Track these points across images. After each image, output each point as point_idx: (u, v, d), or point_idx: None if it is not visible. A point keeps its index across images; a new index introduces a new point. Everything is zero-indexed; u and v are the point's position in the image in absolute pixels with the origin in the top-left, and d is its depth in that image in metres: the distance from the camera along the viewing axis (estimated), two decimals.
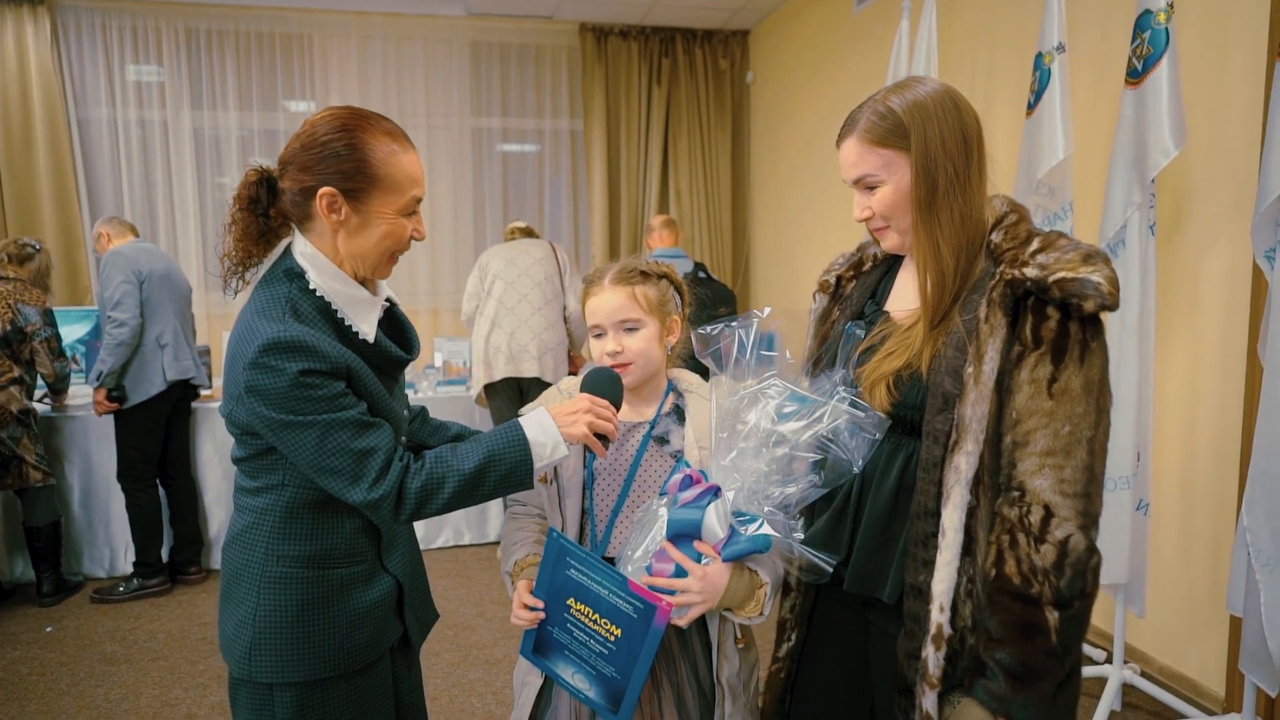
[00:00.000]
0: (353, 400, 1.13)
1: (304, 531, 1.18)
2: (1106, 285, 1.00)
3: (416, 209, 1.21)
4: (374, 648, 1.23)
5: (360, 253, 1.17)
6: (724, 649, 1.27)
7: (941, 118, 1.10)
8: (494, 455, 1.15)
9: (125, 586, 3.45)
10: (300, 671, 1.17)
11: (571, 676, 1.25)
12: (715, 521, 1.15)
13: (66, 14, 4.75)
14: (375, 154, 1.13)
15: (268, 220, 1.19)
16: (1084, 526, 1.02)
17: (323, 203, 1.13)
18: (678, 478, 1.20)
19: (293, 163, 1.15)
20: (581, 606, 1.21)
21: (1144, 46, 2.19)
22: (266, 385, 1.08)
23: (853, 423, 1.08)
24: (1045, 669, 1.01)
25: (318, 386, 1.09)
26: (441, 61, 5.22)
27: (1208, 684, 2.47)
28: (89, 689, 2.71)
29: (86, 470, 3.65)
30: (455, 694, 2.64)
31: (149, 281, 3.37)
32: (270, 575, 1.18)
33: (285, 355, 1.07)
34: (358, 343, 1.17)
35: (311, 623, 1.18)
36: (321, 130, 1.14)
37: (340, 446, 1.10)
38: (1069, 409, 1.02)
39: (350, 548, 1.21)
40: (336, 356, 1.11)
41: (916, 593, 1.08)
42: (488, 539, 4.05)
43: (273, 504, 1.18)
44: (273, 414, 1.09)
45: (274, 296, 1.14)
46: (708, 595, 1.15)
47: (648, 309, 1.31)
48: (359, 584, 1.22)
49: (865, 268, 1.31)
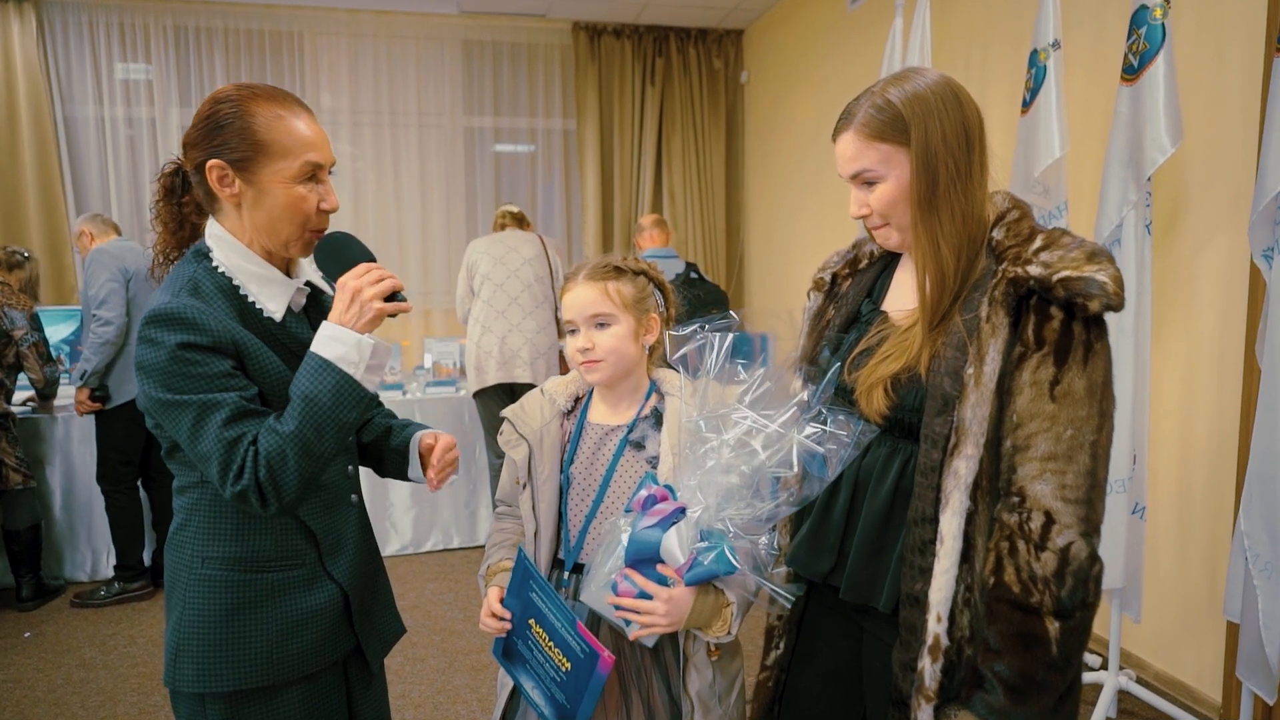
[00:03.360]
0: (239, 383, 1.07)
1: (229, 531, 1.13)
2: (1112, 285, 0.97)
3: (319, 175, 1.15)
4: (313, 659, 1.17)
5: (266, 228, 1.13)
6: (695, 662, 1.24)
7: (942, 111, 1.06)
8: (309, 395, 1.06)
9: (106, 590, 3.39)
10: (222, 681, 1.11)
11: (531, 689, 1.24)
12: (676, 546, 1.12)
13: (53, 10, 4.69)
14: (257, 120, 1.10)
15: (183, 209, 1.18)
16: (1086, 534, 0.99)
17: (213, 176, 1.10)
18: (643, 495, 1.17)
19: (189, 142, 1.14)
20: (540, 631, 1.20)
21: (1140, 42, 2.17)
22: (148, 359, 1.05)
23: (818, 445, 1.05)
24: (1045, 681, 0.97)
25: (197, 363, 1.04)
26: (433, 60, 5.18)
27: (1204, 690, 2.44)
28: (65, 696, 2.65)
29: (68, 473, 3.59)
30: (441, 700, 2.60)
31: (135, 280, 3.32)
32: (196, 577, 1.12)
33: (164, 327, 1.04)
34: (264, 321, 1.14)
35: (237, 629, 1.11)
36: (209, 104, 1.12)
37: (211, 431, 1.04)
38: (1071, 412, 0.98)
39: (283, 549, 1.15)
40: (219, 331, 1.06)
41: (913, 602, 1.04)
42: (477, 542, 4.01)
43: (197, 501, 1.14)
44: (154, 391, 1.05)
45: (177, 275, 1.12)
46: (673, 618, 1.13)
47: (621, 305, 1.28)
48: (294, 589, 1.15)
49: (861, 265, 1.27)
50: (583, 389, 1.39)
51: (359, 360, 1.08)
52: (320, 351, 1.08)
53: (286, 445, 1.04)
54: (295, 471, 1.05)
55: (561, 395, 1.37)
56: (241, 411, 1.06)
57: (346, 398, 1.07)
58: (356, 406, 1.08)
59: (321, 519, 1.19)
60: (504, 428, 1.37)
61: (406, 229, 5.22)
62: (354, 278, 1.10)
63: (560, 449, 1.33)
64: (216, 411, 1.04)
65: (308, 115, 1.14)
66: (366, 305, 1.09)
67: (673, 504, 1.14)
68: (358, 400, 1.08)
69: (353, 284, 1.09)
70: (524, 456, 1.32)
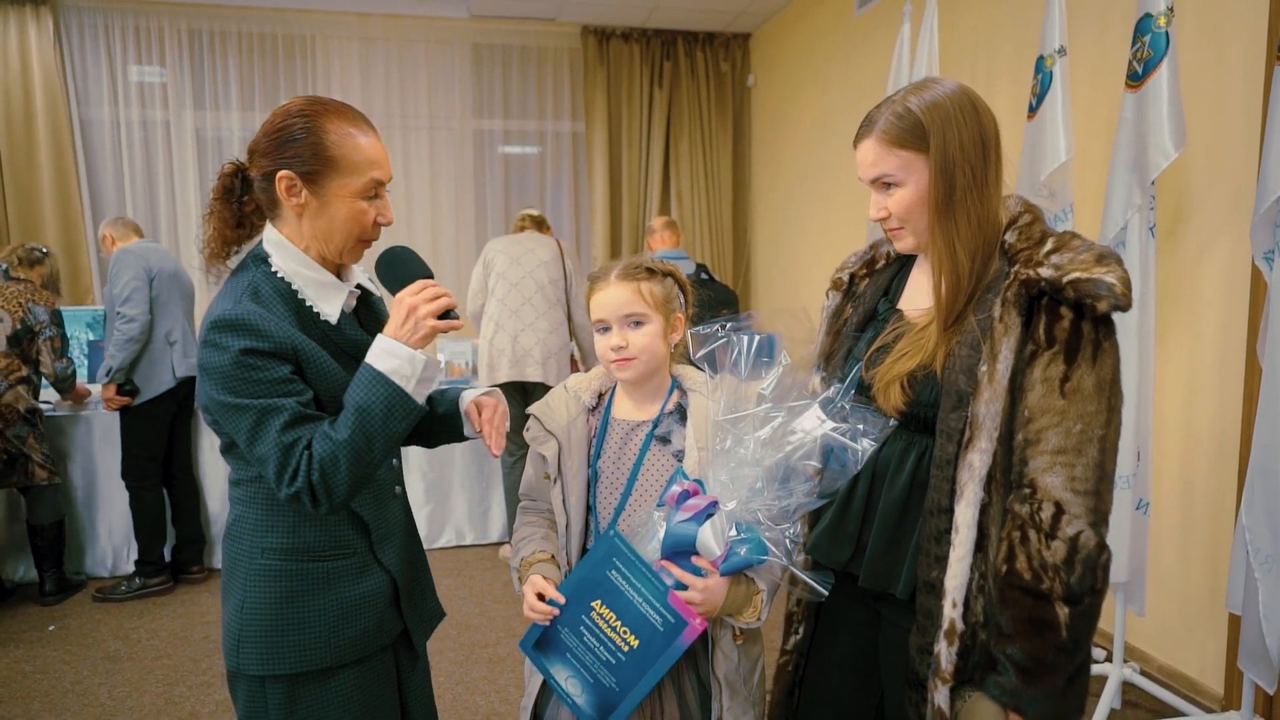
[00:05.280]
0: (298, 388, 1.12)
1: (286, 523, 1.18)
2: (1119, 286, 1.01)
3: (379, 192, 1.20)
4: (367, 642, 1.23)
5: (324, 236, 1.18)
6: (722, 646, 1.29)
7: (960, 120, 1.11)
8: (362, 406, 1.10)
9: (127, 585, 3.45)
10: (284, 664, 1.17)
11: (565, 680, 1.24)
12: (712, 539, 1.16)
13: (69, 14, 4.75)
14: (330, 137, 1.15)
15: (242, 209, 1.22)
16: (1094, 524, 1.03)
17: (281, 185, 1.15)
18: (675, 490, 1.21)
19: (257, 150, 1.18)
20: (605, 610, 1.21)
21: (1144, 50, 2.21)
22: (212, 363, 1.10)
23: (847, 439, 1.09)
24: (1055, 663, 1.02)
25: (259, 368, 1.09)
26: (443, 63, 5.23)
27: (1206, 682, 2.49)
28: (93, 687, 2.71)
29: (90, 470, 3.65)
30: (459, 692, 2.65)
31: (158, 279, 3.39)
32: (256, 568, 1.18)
33: (229, 333, 1.09)
34: (320, 324, 1.19)
35: (296, 615, 1.18)
36: (281, 117, 1.17)
37: (269, 435, 1.09)
38: (1081, 408, 1.03)
39: (336, 540, 1.21)
40: (281, 337, 1.11)
41: (929, 588, 1.09)
42: (490, 539, 4.06)
43: (254, 495, 1.19)
44: (216, 394, 1.11)
45: (238, 281, 1.17)
46: (708, 607, 1.18)
47: (653, 305, 1.33)
48: (347, 577, 1.21)
49: (878, 265, 1.32)
50: (606, 385, 1.43)
51: (411, 374, 1.13)
52: (375, 364, 1.12)
53: (339, 451, 1.09)
54: (346, 476, 1.10)
55: (586, 391, 1.41)
56: (299, 417, 1.11)
57: (397, 409, 1.12)
58: (407, 418, 1.13)
59: (372, 510, 1.25)
60: (530, 424, 1.40)
61: (416, 231, 5.27)
62: (411, 294, 1.15)
63: (587, 444, 1.37)
64: (275, 417, 1.09)
65: (373, 134, 1.20)
66: (421, 322, 1.13)
67: (706, 498, 1.18)
68: (408, 412, 1.13)
69: (409, 300, 1.14)
70: (554, 452, 1.36)
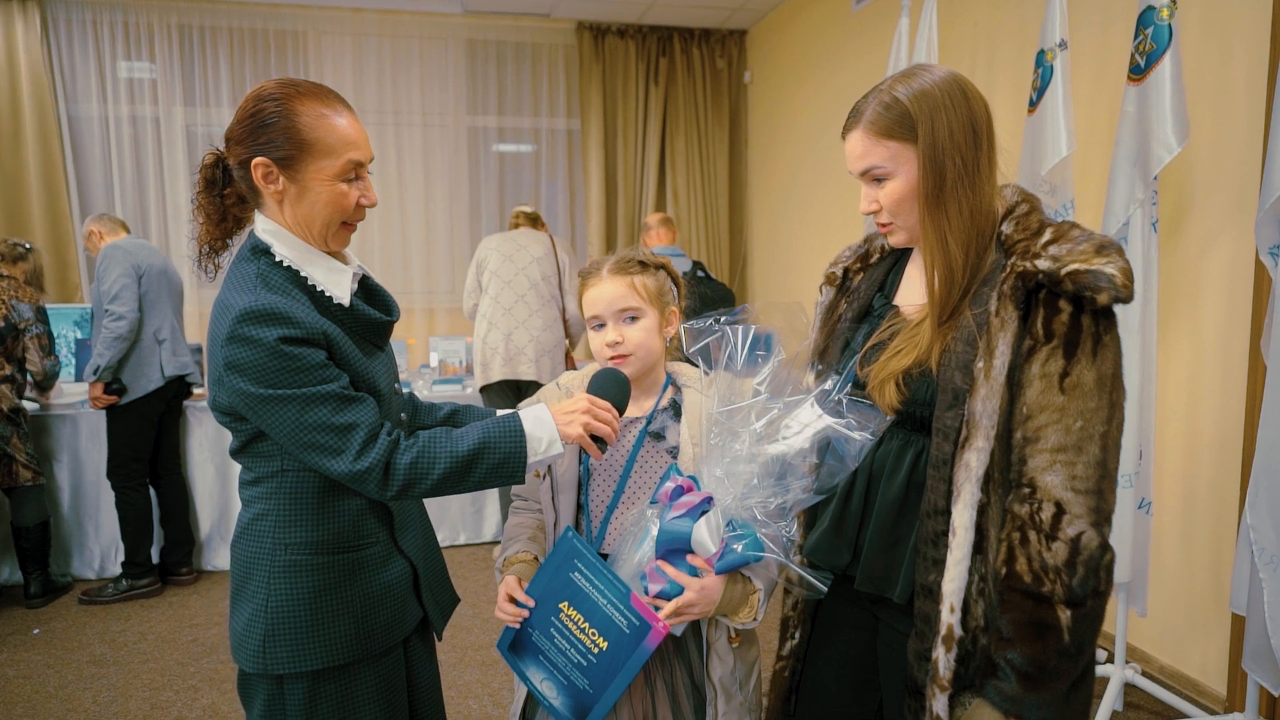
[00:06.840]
0: (334, 373, 1.11)
1: (309, 517, 1.16)
2: (1120, 277, 0.98)
3: (359, 173, 1.17)
4: (393, 632, 1.22)
5: (306, 221, 1.15)
6: (717, 649, 1.26)
7: (949, 107, 1.07)
8: (489, 442, 1.13)
9: (114, 587, 3.40)
10: (318, 659, 1.16)
11: (540, 682, 1.23)
12: (707, 536, 1.13)
13: (57, 9, 4.70)
14: (303, 119, 1.11)
15: (224, 200, 1.19)
16: (1096, 523, 1.00)
17: (258, 174, 1.12)
18: (669, 486, 1.18)
19: (233, 138, 1.15)
20: (573, 612, 1.20)
21: (1146, 42, 2.18)
22: (245, 358, 1.06)
23: (846, 430, 1.06)
24: (1058, 668, 0.99)
25: (297, 357, 1.07)
26: (437, 59, 5.19)
27: (1210, 683, 2.46)
28: (77, 691, 2.66)
29: (76, 470, 3.60)
30: (451, 694, 2.61)
31: (147, 276, 3.34)
32: (280, 565, 1.16)
33: (261, 324, 1.06)
34: (333, 309, 1.16)
35: (326, 609, 1.16)
36: (253, 102, 1.14)
37: (321, 421, 1.07)
38: (1081, 404, 1.00)
39: (359, 530, 1.19)
40: (313, 323, 1.09)
41: (927, 593, 1.05)
42: (483, 539, 4.02)
43: (274, 492, 1.16)
44: (252, 388, 1.07)
45: (244, 273, 1.14)
46: (703, 606, 1.15)
47: (647, 299, 1.30)
48: (372, 567, 1.20)
49: (873, 260, 1.29)
50: None
51: (542, 453, 1.16)
52: (523, 420, 1.16)
53: (443, 458, 1.12)
54: (433, 481, 1.12)
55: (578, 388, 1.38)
56: (346, 398, 1.10)
57: (509, 466, 1.14)
58: (508, 478, 1.15)
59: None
60: None
61: (410, 228, 5.23)
62: (591, 402, 1.19)
63: None
64: (323, 403, 1.08)
65: (349, 113, 1.16)
66: (579, 420, 1.17)
67: (700, 494, 1.15)
68: (513, 473, 1.15)
69: (586, 404, 1.18)
70: None
